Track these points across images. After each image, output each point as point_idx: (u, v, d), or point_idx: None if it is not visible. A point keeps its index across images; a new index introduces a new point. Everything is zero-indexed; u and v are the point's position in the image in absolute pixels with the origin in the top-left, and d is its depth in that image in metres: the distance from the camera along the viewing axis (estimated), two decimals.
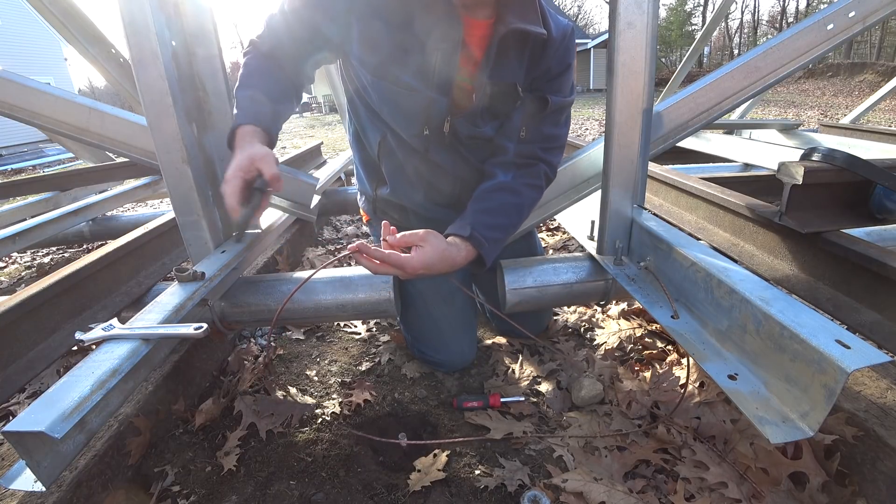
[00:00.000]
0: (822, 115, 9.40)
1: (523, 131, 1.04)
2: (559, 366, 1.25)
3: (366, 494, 0.89)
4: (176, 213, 1.03)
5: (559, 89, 1.04)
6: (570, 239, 2.20)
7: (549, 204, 1.26)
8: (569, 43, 1.02)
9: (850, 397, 0.86)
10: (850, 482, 0.80)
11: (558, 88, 1.04)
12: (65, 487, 0.76)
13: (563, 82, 1.05)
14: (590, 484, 0.86)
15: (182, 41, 0.98)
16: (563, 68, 1.03)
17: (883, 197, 1.05)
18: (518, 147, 1.06)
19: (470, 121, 1.02)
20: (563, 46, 1.00)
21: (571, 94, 1.08)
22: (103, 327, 0.73)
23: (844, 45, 5.88)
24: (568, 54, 1.03)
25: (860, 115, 3.32)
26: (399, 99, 0.98)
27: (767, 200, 1.31)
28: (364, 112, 1.10)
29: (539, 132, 1.06)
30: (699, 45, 3.34)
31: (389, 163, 1.13)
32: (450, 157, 1.07)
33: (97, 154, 2.75)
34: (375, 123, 1.09)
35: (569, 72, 1.05)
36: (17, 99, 1.20)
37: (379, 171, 1.17)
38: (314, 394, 1.19)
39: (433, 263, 0.88)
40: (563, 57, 1.02)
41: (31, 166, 8.07)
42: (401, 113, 1.01)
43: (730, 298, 0.72)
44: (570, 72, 1.06)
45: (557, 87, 1.04)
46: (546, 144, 1.08)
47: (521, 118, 1.03)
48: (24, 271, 2.32)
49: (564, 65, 1.03)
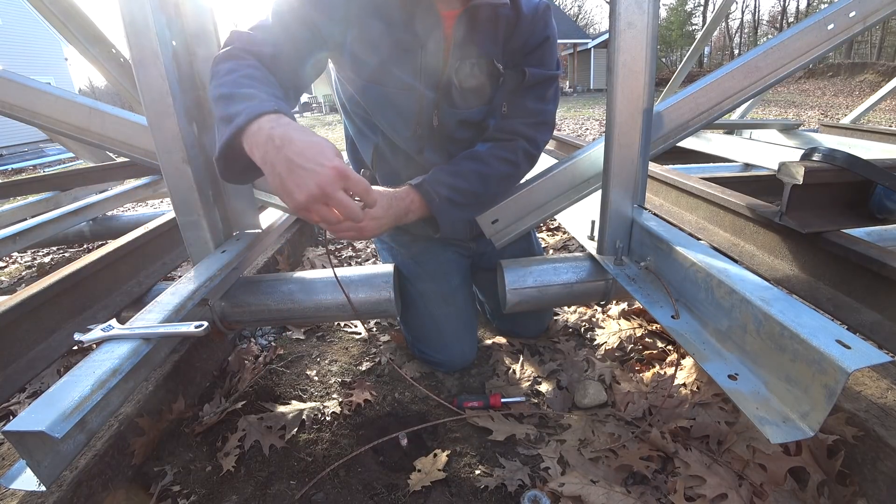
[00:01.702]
0: (822, 115, 9.39)
1: (505, 107, 1.04)
2: (560, 366, 1.25)
3: (366, 494, 0.89)
4: (176, 212, 1.03)
5: (539, 62, 1.03)
6: (570, 239, 2.20)
7: (549, 204, 1.26)
8: (543, 17, 1.01)
9: (850, 397, 0.86)
10: (850, 482, 0.80)
11: (538, 61, 1.03)
12: (65, 487, 0.76)
13: (543, 55, 1.04)
14: (587, 486, 0.86)
15: (182, 41, 0.98)
16: (541, 40, 1.02)
17: (883, 197, 1.05)
18: (499, 122, 1.06)
19: (452, 103, 1.02)
20: (536, 20, 1.00)
21: (556, 68, 1.07)
22: (102, 328, 0.73)
23: (845, 45, 5.89)
24: (544, 27, 1.02)
25: (861, 115, 3.32)
26: (391, 100, 0.99)
27: (768, 200, 1.31)
28: (357, 120, 1.11)
29: (522, 106, 1.05)
30: (699, 45, 3.33)
31: (383, 172, 1.15)
32: (442, 157, 1.08)
33: (97, 154, 2.75)
34: (368, 132, 1.11)
35: (547, 44, 1.03)
36: (18, 99, 1.20)
37: (373, 180, 1.19)
38: (314, 394, 1.19)
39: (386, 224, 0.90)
40: (539, 30, 1.01)
41: (32, 166, 8.08)
42: (394, 113, 1.01)
43: (730, 298, 0.72)
44: (549, 45, 1.04)
45: (537, 60, 1.03)
46: (529, 119, 1.06)
47: (502, 94, 1.03)
48: (25, 271, 2.32)
49: (541, 37, 1.02)
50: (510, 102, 1.04)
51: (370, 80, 0.97)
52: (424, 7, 0.90)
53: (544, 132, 1.11)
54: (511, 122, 1.05)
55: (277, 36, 0.87)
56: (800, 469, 0.84)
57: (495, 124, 1.06)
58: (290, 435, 1.04)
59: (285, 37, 0.88)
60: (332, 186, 0.65)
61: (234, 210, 1.17)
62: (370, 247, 2.29)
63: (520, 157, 1.07)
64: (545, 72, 1.04)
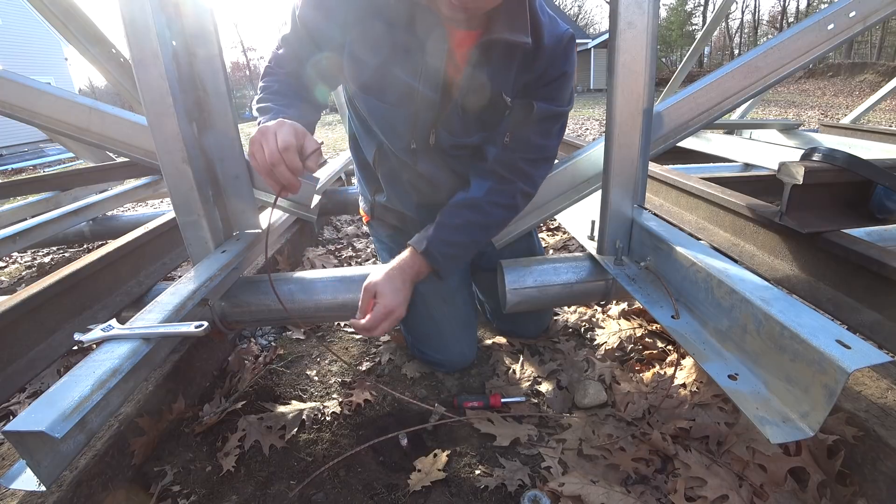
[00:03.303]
0: (822, 115, 9.40)
1: (508, 137, 1.00)
2: (560, 366, 1.25)
3: (366, 494, 0.89)
4: (176, 212, 1.03)
5: (550, 97, 0.99)
6: (571, 239, 2.20)
7: (549, 204, 1.26)
8: (566, 50, 0.96)
9: (850, 397, 0.86)
10: (850, 482, 0.80)
11: (549, 96, 0.99)
12: (65, 487, 0.76)
13: (556, 90, 0.99)
14: (587, 486, 0.86)
15: (183, 41, 0.98)
16: (558, 75, 0.97)
17: (883, 197, 1.05)
18: (501, 154, 1.02)
19: (453, 131, 1.01)
20: (557, 54, 0.95)
21: (566, 104, 1.03)
22: (102, 328, 0.73)
23: (845, 45, 5.88)
24: (564, 62, 0.97)
25: (861, 115, 3.32)
26: (385, 114, 1.00)
27: (768, 200, 1.31)
28: (359, 122, 1.12)
29: (525, 140, 1.01)
30: (699, 45, 3.33)
31: (385, 171, 1.15)
32: (438, 169, 1.08)
33: (97, 154, 2.75)
34: (368, 135, 1.11)
35: (563, 79, 0.99)
36: (18, 99, 1.20)
37: (375, 177, 1.19)
38: (314, 394, 1.19)
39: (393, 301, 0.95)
40: (558, 64, 0.97)
41: (32, 166, 8.08)
42: (388, 127, 1.03)
43: (730, 298, 0.72)
44: (566, 80, 0.99)
45: (549, 95, 0.99)
46: (531, 155, 1.03)
47: (507, 124, 1.00)
48: (25, 271, 2.32)
49: (559, 72, 0.97)
50: (514, 134, 1.01)
51: (367, 89, 0.98)
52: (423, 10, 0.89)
53: (543, 168, 1.08)
54: (512, 156, 1.02)
55: (296, 50, 0.99)
56: (800, 469, 0.84)
57: (496, 156, 1.02)
58: (290, 435, 1.04)
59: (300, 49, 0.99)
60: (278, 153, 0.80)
61: (234, 210, 1.17)
62: (370, 247, 2.30)
63: (518, 200, 1.06)
64: (554, 107, 1.00)
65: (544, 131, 1.02)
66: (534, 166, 1.05)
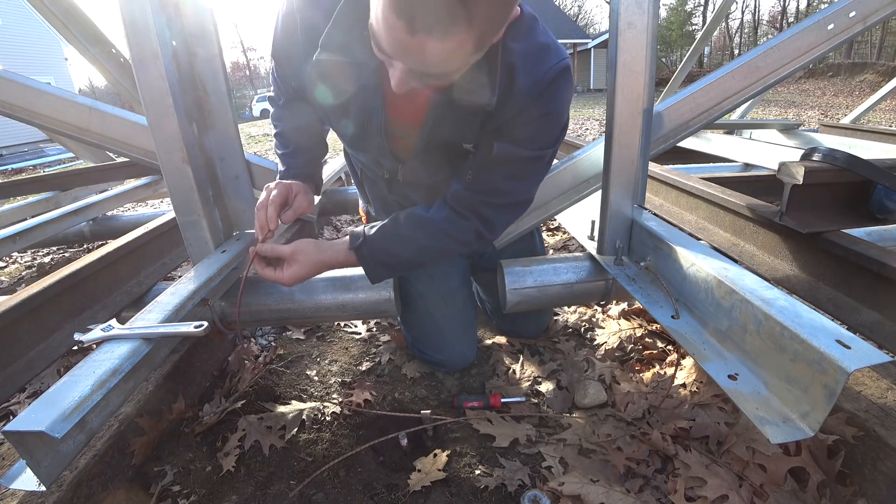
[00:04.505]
0: (822, 115, 9.39)
1: (470, 174, 0.90)
2: (560, 366, 1.25)
3: (366, 494, 0.89)
4: (176, 212, 1.03)
5: (525, 138, 0.85)
6: (571, 239, 2.20)
7: (549, 204, 1.26)
8: (550, 88, 0.81)
9: (850, 397, 0.86)
10: (850, 482, 0.80)
11: (523, 137, 0.85)
12: (65, 487, 0.76)
13: (535, 131, 0.85)
14: (587, 486, 0.86)
15: (182, 41, 0.98)
16: (536, 115, 0.83)
17: (883, 197, 1.05)
18: (461, 190, 0.92)
19: (416, 175, 0.99)
20: (535, 94, 0.80)
21: (545, 146, 0.88)
22: (102, 328, 0.73)
23: (845, 45, 5.88)
24: (548, 101, 0.82)
25: (861, 115, 3.31)
26: (351, 148, 1.03)
27: (768, 200, 1.31)
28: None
29: (487, 182, 0.89)
30: (699, 45, 3.33)
31: (369, 186, 1.19)
32: (414, 191, 1.08)
33: (97, 154, 2.75)
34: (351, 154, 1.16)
35: (544, 120, 0.84)
36: (18, 99, 1.20)
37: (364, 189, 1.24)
38: (314, 394, 1.19)
39: (305, 274, 0.94)
40: (538, 104, 0.82)
41: (32, 166, 8.08)
42: (357, 158, 1.06)
43: (730, 298, 0.72)
44: (547, 120, 0.84)
45: (522, 136, 0.84)
46: (491, 199, 0.91)
47: (470, 163, 0.91)
48: (25, 271, 2.32)
49: (540, 112, 0.82)
50: (476, 174, 0.90)
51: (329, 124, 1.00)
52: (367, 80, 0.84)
53: (509, 213, 0.98)
54: (470, 196, 0.91)
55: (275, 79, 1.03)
56: (800, 469, 0.84)
57: (455, 192, 0.93)
58: (290, 435, 1.04)
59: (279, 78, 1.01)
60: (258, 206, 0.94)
61: (234, 210, 1.17)
62: None
63: (471, 237, 0.96)
64: (524, 151, 0.85)
65: (511, 174, 0.89)
66: (496, 210, 0.94)
